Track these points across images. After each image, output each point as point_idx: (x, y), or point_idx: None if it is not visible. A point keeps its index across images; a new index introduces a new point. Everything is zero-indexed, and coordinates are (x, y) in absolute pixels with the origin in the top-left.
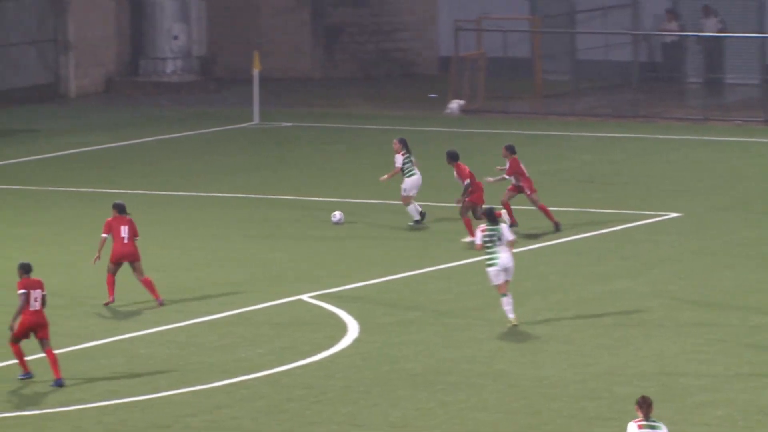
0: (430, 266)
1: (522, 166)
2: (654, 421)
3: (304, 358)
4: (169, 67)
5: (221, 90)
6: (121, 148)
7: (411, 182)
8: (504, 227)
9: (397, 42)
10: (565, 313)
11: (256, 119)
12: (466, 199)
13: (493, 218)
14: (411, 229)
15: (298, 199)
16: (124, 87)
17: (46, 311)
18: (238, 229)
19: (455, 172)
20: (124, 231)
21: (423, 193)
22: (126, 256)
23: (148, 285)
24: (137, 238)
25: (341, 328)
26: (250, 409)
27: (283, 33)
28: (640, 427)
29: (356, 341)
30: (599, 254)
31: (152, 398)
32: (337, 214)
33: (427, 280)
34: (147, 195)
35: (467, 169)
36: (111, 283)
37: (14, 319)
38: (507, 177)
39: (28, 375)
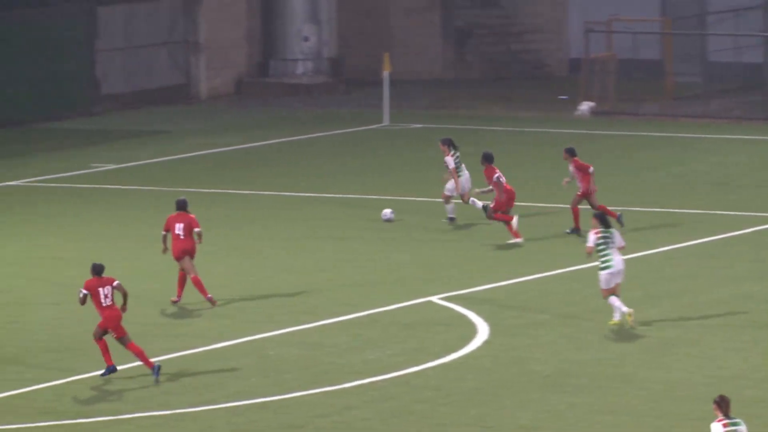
0: (557, 269)
1: (576, 167)
2: (734, 418)
3: (433, 359)
4: (300, 68)
5: (351, 91)
6: (252, 149)
7: (459, 182)
8: (616, 232)
9: (528, 43)
10: (694, 316)
11: (386, 121)
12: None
13: (606, 222)
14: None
15: (427, 200)
16: (254, 88)
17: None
18: (367, 231)
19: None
20: (179, 228)
21: (551, 196)
22: (185, 252)
23: (182, 282)
24: (198, 230)
25: (471, 330)
26: (380, 411)
27: (414, 34)
28: (725, 425)
29: (486, 343)
30: (730, 257)
31: (283, 399)
32: (387, 212)
33: (554, 282)
34: (277, 196)
35: (495, 172)
36: (198, 283)
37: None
38: (577, 181)
39: (111, 369)
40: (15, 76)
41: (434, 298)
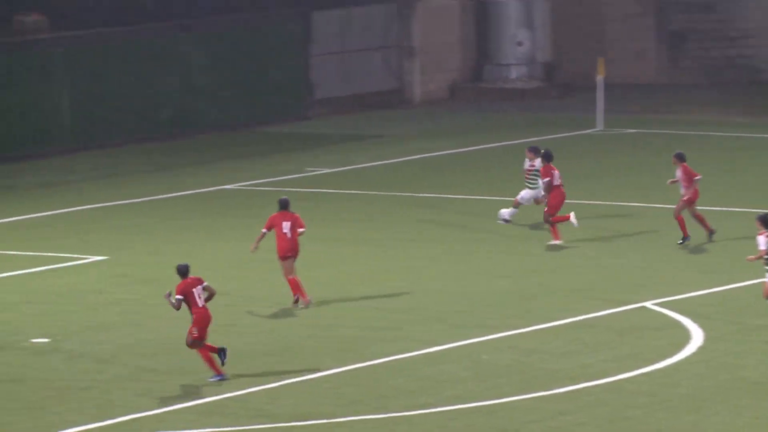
0: None
1: (687, 174)
2: None
3: (647, 365)
4: (513, 73)
5: (564, 96)
6: (466, 153)
7: (531, 193)
8: None
9: (744, 48)
10: None
11: (600, 126)
12: (547, 201)
13: None
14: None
15: (644, 206)
16: (468, 93)
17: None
18: (582, 235)
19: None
20: (286, 227)
21: (756, 201)
22: (290, 251)
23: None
24: (302, 230)
25: (684, 336)
26: (594, 416)
27: (628, 39)
28: None
29: (700, 349)
30: None
31: (496, 403)
32: (504, 212)
33: None
34: (491, 200)
35: (556, 171)
36: (295, 285)
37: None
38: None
39: (220, 377)
40: (231, 81)
41: (648, 304)
